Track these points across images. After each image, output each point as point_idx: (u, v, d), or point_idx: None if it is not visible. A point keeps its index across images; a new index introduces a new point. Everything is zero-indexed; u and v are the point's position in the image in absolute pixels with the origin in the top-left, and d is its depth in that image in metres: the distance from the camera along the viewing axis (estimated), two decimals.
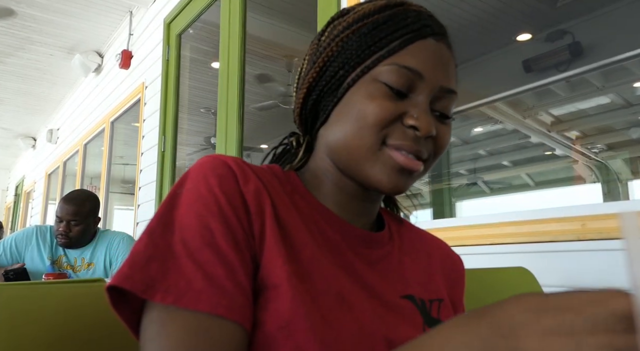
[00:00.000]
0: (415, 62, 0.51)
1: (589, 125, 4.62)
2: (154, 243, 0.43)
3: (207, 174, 0.46)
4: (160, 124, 3.21)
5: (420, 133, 0.50)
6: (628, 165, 4.63)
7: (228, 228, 0.44)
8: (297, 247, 0.48)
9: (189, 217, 0.44)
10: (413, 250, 0.61)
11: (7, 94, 5.68)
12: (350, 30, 0.53)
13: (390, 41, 0.51)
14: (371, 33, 0.52)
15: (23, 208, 8.49)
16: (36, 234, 2.21)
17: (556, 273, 1.17)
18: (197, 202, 0.45)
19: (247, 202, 0.46)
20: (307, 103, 0.56)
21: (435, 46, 0.53)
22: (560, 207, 1.23)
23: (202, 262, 0.41)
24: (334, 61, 0.53)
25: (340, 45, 0.53)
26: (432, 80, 0.51)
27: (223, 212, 0.44)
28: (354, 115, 0.51)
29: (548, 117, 4.58)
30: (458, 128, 5.03)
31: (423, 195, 6.06)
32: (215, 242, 0.43)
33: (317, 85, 0.55)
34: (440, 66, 0.52)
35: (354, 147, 0.51)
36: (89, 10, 3.93)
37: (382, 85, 0.51)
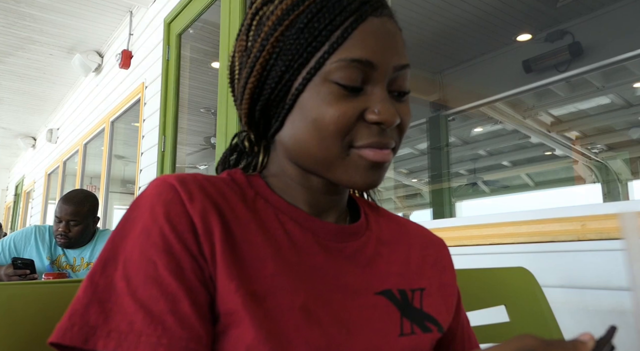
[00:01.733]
0: (363, 52, 0.47)
1: (589, 126, 4.62)
2: (94, 285, 0.42)
3: (153, 202, 0.45)
4: (160, 124, 3.21)
5: (385, 126, 0.48)
6: (628, 165, 4.63)
7: (172, 257, 0.42)
8: (254, 265, 0.45)
9: (133, 251, 0.43)
10: (392, 239, 0.59)
11: (7, 94, 5.68)
12: (283, 26, 0.48)
13: (331, 32, 0.47)
14: (308, 26, 0.47)
15: (23, 207, 8.49)
16: (35, 234, 2.21)
17: (556, 273, 1.17)
18: (141, 234, 0.43)
19: (195, 223, 0.44)
20: (254, 113, 0.52)
21: (378, 25, 0.48)
22: (560, 207, 1.23)
23: (143, 299, 0.40)
24: (274, 65, 0.48)
25: (276, 45, 0.48)
26: (384, 65, 0.48)
27: (167, 241, 0.43)
28: (311, 123, 0.47)
29: (548, 117, 4.58)
30: (458, 129, 5.03)
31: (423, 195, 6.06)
32: (158, 274, 0.41)
33: (261, 94, 0.50)
34: (389, 46, 0.49)
35: (321, 157, 0.49)
36: (89, 10, 3.93)
37: (334, 85, 0.47)
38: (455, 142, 5.15)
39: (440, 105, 4.57)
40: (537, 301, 0.93)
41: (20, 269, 1.94)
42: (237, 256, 0.45)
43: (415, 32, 3.73)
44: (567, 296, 1.14)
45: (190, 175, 0.48)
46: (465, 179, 5.57)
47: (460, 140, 5.25)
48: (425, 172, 5.34)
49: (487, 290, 0.92)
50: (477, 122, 4.90)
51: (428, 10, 3.41)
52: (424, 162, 5.27)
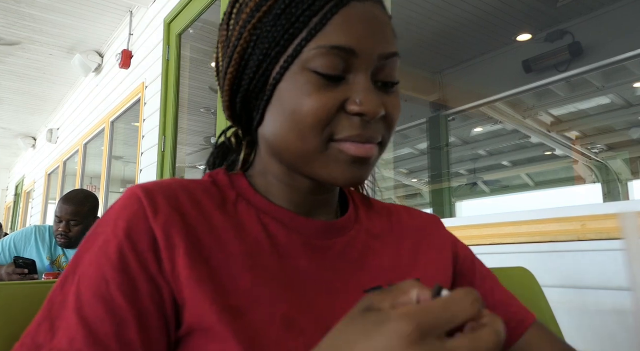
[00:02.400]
0: (344, 38, 0.43)
1: (589, 126, 4.62)
2: (51, 303, 0.41)
3: (117, 216, 0.43)
4: (161, 124, 3.21)
5: (368, 117, 0.44)
6: (628, 165, 4.63)
7: (128, 277, 0.40)
8: (231, 279, 0.43)
9: (90, 267, 0.41)
10: (383, 232, 0.56)
11: (7, 94, 5.68)
12: (261, 12, 0.45)
13: (310, 17, 0.44)
14: (286, 12, 0.44)
15: (23, 208, 8.49)
16: (35, 234, 2.21)
17: (556, 273, 1.17)
18: (100, 249, 0.42)
19: (157, 239, 0.42)
20: (235, 105, 0.50)
21: (362, 10, 0.45)
22: (560, 207, 1.23)
23: (89, 317, 0.39)
24: (252, 54, 0.46)
25: (254, 33, 0.46)
26: (368, 54, 0.44)
27: (125, 260, 0.41)
28: (289, 116, 0.45)
29: (548, 118, 4.58)
30: (458, 129, 5.04)
31: (423, 195, 6.06)
32: (109, 294, 0.40)
33: (240, 83, 0.48)
34: (373, 33, 0.45)
35: (299, 151, 0.46)
36: (89, 10, 3.93)
37: (313, 74, 0.44)
38: (455, 142, 5.15)
39: (440, 105, 4.57)
40: (537, 301, 0.93)
41: (20, 267, 1.94)
42: (209, 270, 0.43)
43: (415, 32, 3.73)
44: (567, 296, 1.14)
45: (163, 185, 0.46)
46: (465, 179, 5.58)
47: (460, 140, 5.25)
48: (425, 172, 5.34)
49: None
50: (477, 122, 4.90)
51: (428, 10, 3.41)
52: (424, 162, 5.27)
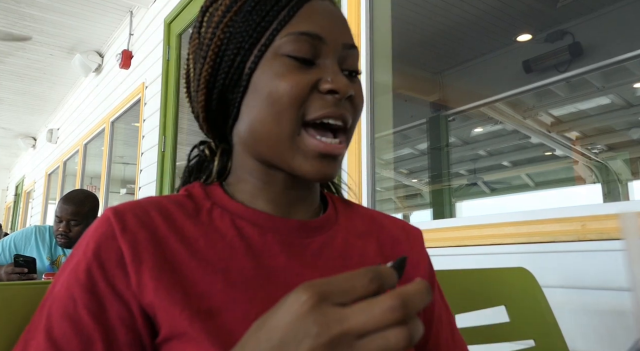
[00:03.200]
0: (311, 26, 0.49)
1: (589, 126, 4.62)
2: (30, 323, 0.43)
3: (88, 238, 0.46)
4: (161, 124, 3.21)
5: (340, 94, 0.48)
6: (628, 165, 4.63)
7: (94, 296, 0.42)
8: (204, 283, 0.45)
9: (62, 287, 0.43)
10: (365, 232, 0.57)
11: (7, 94, 5.68)
12: (232, 12, 0.50)
13: (278, 11, 0.49)
14: (256, 8, 0.49)
15: (23, 208, 8.49)
16: (35, 234, 2.21)
17: (556, 273, 1.17)
18: (71, 270, 0.44)
19: (124, 256, 0.44)
20: (211, 104, 0.52)
21: (323, 6, 0.51)
22: (560, 207, 1.23)
23: (57, 337, 0.40)
24: (226, 49, 0.50)
25: (226, 30, 0.50)
26: (333, 40, 0.49)
27: (92, 280, 0.43)
28: (266, 99, 0.48)
29: (548, 118, 4.58)
30: (458, 129, 5.03)
31: (423, 195, 6.06)
32: (76, 312, 0.41)
33: (216, 80, 0.51)
34: (335, 24, 0.51)
35: (273, 135, 0.48)
36: (89, 10, 3.93)
37: (286, 58, 0.48)
38: (455, 142, 5.15)
39: (440, 105, 4.57)
40: (537, 301, 0.93)
41: (20, 266, 1.93)
42: (179, 278, 0.44)
43: (415, 32, 3.73)
44: (567, 296, 1.14)
45: (135, 205, 0.48)
46: (465, 179, 5.57)
47: (460, 141, 5.24)
48: (425, 172, 5.34)
49: (487, 290, 0.92)
50: (477, 122, 4.90)
51: (428, 10, 3.41)
52: (424, 162, 5.27)
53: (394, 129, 3.12)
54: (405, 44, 3.83)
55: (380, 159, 2.47)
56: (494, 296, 0.92)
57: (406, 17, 3.45)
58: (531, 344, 0.90)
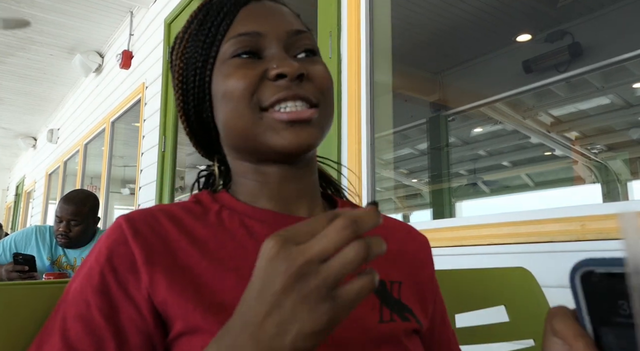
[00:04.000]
0: (248, 26, 0.51)
1: (588, 126, 4.62)
2: (44, 327, 0.45)
3: (101, 244, 0.48)
4: (161, 124, 3.21)
5: (288, 76, 0.49)
6: (628, 165, 4.62)
7: (107, 298, 0.44)
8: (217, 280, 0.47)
9: (75, 292, 0.45)
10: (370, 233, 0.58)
11: (7, 94, 5.68)
12: (184, 40, 0.55)
13: (219, 23, 0.52)
14: (200, 29, 0.53)
15: (23, 208, 8.49)
16: (35, 234, 2.21)
17: (556, 273, 1.17)
18: (85, 275, 0.46)
19: (136, 259, 0.46)
20: (194, 128, 0.57)
21: (259, 6, 0.54)
22: (560, 207, 1.23)
23: (70, 338, 0.42)
24: (187, 74, 0.54)
25: (183, 58, 0.55)
26: (272, 31, 0.51)
27: (105, 282, 0.45)
28: (223, 100, 0.51)
29: (548, 118, 4.58)
30: (458, 129, 5.03)
31: (423, 195, 6.06)
32: (89, 314, 0.43)
33: (188, 105, 0.55)
34: (274, 17, 0.53)
35: (240, 128, 0.51)
36: (90, 11, 3.93)
37: (231, 59, 0.51)
38: (455, 142, 5.15)
39: (440, 105, 4.57)
40: (537, 301, 0.93)
41: (20, 264, 1.93)
42: (192, 277, 0.46)
43: (415, 32, 3.73)
44: (567, 297, 1.14)
45: (145, 212, 0.51)
46: (465, 179, 5.57)
47: (460, 140, 5.24)
48: (425, 172, 5.34)
49: (487, 290, 0.92)
50: (477, 122, 4.90)
51: (428, 10, 3.41)
52: (424, 162, 5.27)
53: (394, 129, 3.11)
54: (405, 44, 3.83)
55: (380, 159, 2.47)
56: (494, 296, 0.92)
57: (406, 17, 3.45)
58: (531, 344, 0.90)
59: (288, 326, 0.31)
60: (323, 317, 0.31)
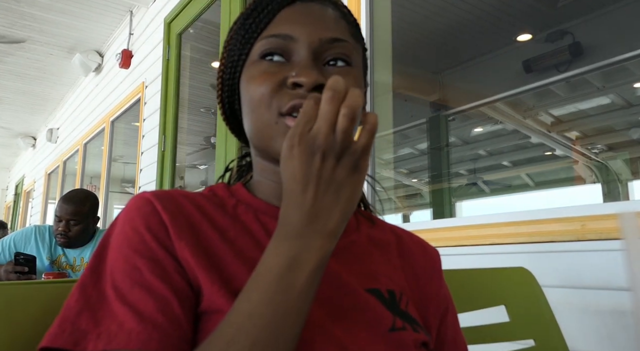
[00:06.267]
0: (281, 28, 0.51)
1: (589, 126, 4.62)
2: (86, 295, 0.44)
3: (132, 216, 0.48)
4: (161, 124, 3.21)
5: (305, 86, 0.48)
6: (628, 165, 4.63)
7: (156, 262, 0.45)
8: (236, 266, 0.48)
9: (118, 261, 0.45)
10: (383, 243, 0.59)
11: (7, 93, 5.68)
12: (232, 31, 0.56)
13: (259, 21, 0.52)
14: (243, 25, 0.54)
15: (23, 207, 8.49)
16: (35, 234, 2.21)
17: (556, 273, 1.17)
18: (123, 244, 0.46)
19: (169, 230, 0.47)
20: (228, 118, 0.59)
21: (303, 7, 0.53)
22: (560, 207, 1.23)
23: (132, 302, 0.42)
24: (226, 66, 0.56)
25: (226, 54, 0.56)
26: (305, 37, 0.51)
27: (149, 248, 0.46)
28: (247, 102, 0.53)
29: (548, 118, 4.58)
30: (458, 129, 5.03)
31: (423, 195, 6.06)
32: (144, 279, 0.44)
33: (223, 94, 0.57)
34: (311, 21, 0.52)
35: (257, 129, 0.52)
36: (90, 10, 3.93)
37: (259, 61, 0.52)
38: (455, 142, 5.15)
39: (440, 105, 4.57)
40: (537, 301, 0.93)
41: (20, 265, 1.93)
42: (214, 260, 0.47)
43: (415, 32, 3.73)
44: (567, 296, 1.14)
45: (166, 192, 0.52)
46: (465, 179, 5.57)
47: (460, 140, 5.24)
48: (425, 172, 5.34)
49: (487, 290, 0.92)
50: (477, 122, 4.90)
51: (428, 10, 3.41)
52: (424, 162, 5.27)
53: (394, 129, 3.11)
54: (405, 44, 3.83)
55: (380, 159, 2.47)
56: (494, 296, 0.92)
57: (406, 17, 3.45)
58: (531, 344, 0.90)
59: (334, 191, 0.38)
60: (353, 176, 0.38)
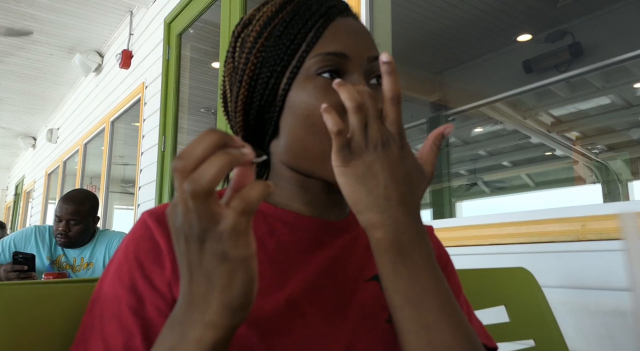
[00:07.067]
0: (336, 45, 0.51)
1: (589, 126, 4.62)
2: (82, 325, 0.47)
3: (128, 241, 0.50)
4: (161, 124, 3.21)
5: None
6: (628, 165, 4.63)
7: (135, 293, 0.46)
8: None
9: (108, 288, 0.48)
10: None
11: (7, 93, 5.68)
12: (262, 37, 0.52)
13: (305, 33, 0.51)
14: (284, 33, 0.51)
15: (23, 207, 8.49)
16: (35, 234, 2.21)
17: (556, 273, 1.17)
18: (115, 272, 0.48)
19: (162, 249, 0.48)
20: (249, 123, 0.55)
21: (346, 23, 0.53)
22: (560, 207, 1.23)
23: (106, 335, 0.45)
24: (260, 73, 0.52)
25: (259, 55, 0.52)
26: (358, 56, 0.51)
27: (133, 279, 0.47)
28: (305, 120, 0.50)
29: (548, 118, 4.58)
30: (458, 129, 5.03)
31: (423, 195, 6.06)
32: (120, 310, 0.45)
33: (252, 102, 0.54)
34: (359, 39, 0.52)
35: (317, 152, 0.50)
36: (90, 10, 3.93)
37: (317, 78, 0.50)
38: (455, 142, 5.15)
39: (440, 105, 4.57)
40: (537, 301, 0.93)
41: (19, 264, 1.92)
42: None
43: (415, 32, 3.73)
44: (567, 296, 1.14)
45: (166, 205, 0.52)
46: (465, 179, 5.58)
47: (460, 140, 5.25)
48: None
49: (487, 290, 0.92)
50: (477, 122, 4.90)
51: (428, 10, 3.41)
52: None
53: None
54: (405, 44, 3.83)
55: None
56: (494, 296, 0.92)
57: (406, 17, 3.45)
58: (531, 344, 0.90)
59: (206, 279, 0.36)
60: (223, 264, 0.36)
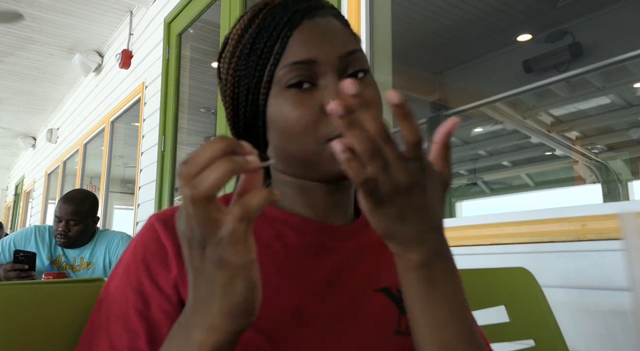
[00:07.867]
0: (302, 53, 0.50)
1: (589, 126, 4.62)
2: (90, 323, 0.48)
3: (136, 243, 0.51)
4: (160, 124, 3.21)
5: None
6: (628, 165, 4.63)
7: (141, 295, 0.47)
8: None
9: (116, 289, 0.49)
10: None
11: (7, 93, 5.68)
12: (235, 57, 0.54)
13: (272, 46, 0.51)
14: (253, 49, 0.52)
15: (23, 207, 8.49)
16: (35, 234, 2.21)
17: (556, 273, 1.17)
18: (123, 273, 0.49)
19: (168, 252, 0.49)
20: (240, 135, 0.57)
21: (312, 26, 0.52)
22: (560, 207, 1.23)
23: (112, 335, 0.46)
24: (239, 91, 0.54)
25: (235, 74, 0.54)
26: (327, 58, 0.50)
27: (140, 281, 0.48)
28: (282, 131, 0.51)
29: (548, 118, 4.58)
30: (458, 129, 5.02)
31: None
32: (127, 311, 0.46)
33: (238, 120, 0.55)
34: (327, 40, 0.51)
35: (302, 157, 0.51)
36: (89, 10, 3.92)
37: (287, 90, 0.50)
38: (455, 142, 5.15)
39: (440, 105, 4.57)
40: (537, 301, 0.93)
41: (20, 262, 1.92)
42: None
43: (416, 32, 3.73)
44: (567, 296, 1.14)
45: (173, 208, 0.53)
46: (465, 179, 5.58)
47: (460, 140, 5.25)
48: None
49: (487, 290, 0.92)
50: (477, 122, 4.90)
51: (428, 10, 3.41)
52: None
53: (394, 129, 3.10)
54: (405, 44, 3.83)
55: None
56: (494, 296, 0.92)
57: (406, 17, 3.45)
58: (531, 344, 0.90)
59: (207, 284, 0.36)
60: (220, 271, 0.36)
